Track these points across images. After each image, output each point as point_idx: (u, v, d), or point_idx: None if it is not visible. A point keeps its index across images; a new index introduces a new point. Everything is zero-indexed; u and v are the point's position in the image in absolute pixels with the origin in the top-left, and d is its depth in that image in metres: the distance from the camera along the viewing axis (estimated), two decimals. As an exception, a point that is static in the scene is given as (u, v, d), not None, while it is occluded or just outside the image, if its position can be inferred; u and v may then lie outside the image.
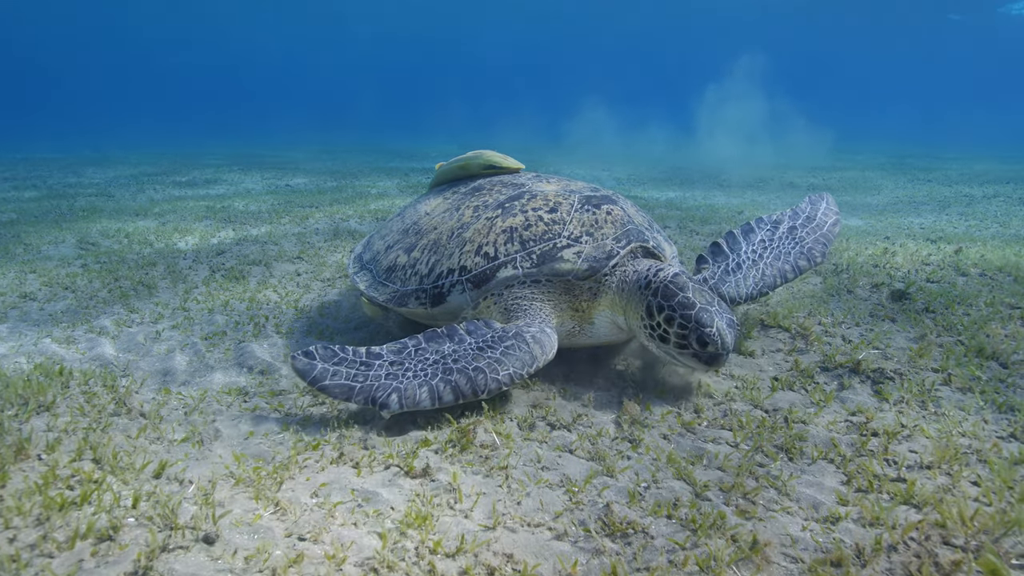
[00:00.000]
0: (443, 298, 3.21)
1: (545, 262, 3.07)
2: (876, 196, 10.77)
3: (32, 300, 4.61)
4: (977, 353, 3.27)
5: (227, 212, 8.59)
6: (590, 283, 3.09)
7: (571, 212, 3.23)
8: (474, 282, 3.14)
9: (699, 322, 2.70)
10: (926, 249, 5.84)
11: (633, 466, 2.34)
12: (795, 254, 3.50)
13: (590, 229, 3.17)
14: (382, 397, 2.56)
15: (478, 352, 2.74)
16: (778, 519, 2.03)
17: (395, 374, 2.66)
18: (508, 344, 2.77)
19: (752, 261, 3.48)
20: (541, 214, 3.24)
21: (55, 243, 6.64)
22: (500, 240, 3.18)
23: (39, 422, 2.62)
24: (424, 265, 3.37)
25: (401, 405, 2.54)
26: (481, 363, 2.67)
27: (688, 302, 2.76)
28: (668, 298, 2.79)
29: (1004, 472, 2.22)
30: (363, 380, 2.63)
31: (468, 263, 3.19)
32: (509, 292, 3.11)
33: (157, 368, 3.39)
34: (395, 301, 3.36)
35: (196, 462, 2.40)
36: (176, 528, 1.91)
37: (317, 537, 1.91)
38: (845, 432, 2.63)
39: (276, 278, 5.21)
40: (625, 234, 3.18)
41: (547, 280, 3.10)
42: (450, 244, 3.33)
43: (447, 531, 1.94)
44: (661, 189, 12.00)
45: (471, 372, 2.63)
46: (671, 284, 2.85)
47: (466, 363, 2.67)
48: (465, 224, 3.38)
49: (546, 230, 3.16)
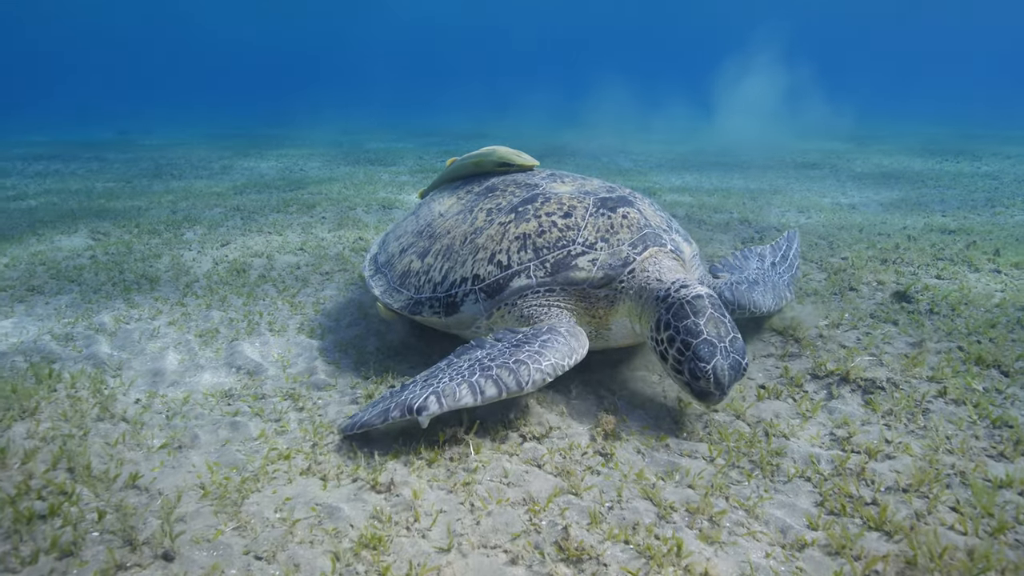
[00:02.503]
0: (456, 307, 3.16)
1: (559, 271, 3.00)
2: (899, 179, 10.43)
3: (39, 294, 4.70)
4: (976, 361, 3.15)
5: (237, 201, 8.65)
6: (606, 291, 3.00)
7: (585, 217, 3.14)
8: (487, 292, 3.08)
9: (696, 354, 2.55)
10: (940, 242, 5.65)
11: (600, 483, 2.30)
12: (782, 285, 3.77)
13: (605, 235, 3.08)
14: (419, 402, 2.43)
15: (515, 348, 2.68)
16: (741, 544, 1.99)
17: (430, 384, 2.58)
18: (544, 339, 2.72)
19: (764, 281, 3.66)
20: (555, 219, 3.16)
21: (68, 233, 6.75)
22: (513, 248, 3.12)
23: (21, 428, 2.67)
24: (438, 272, 3.33)
25: (441, 405, 2.41)
26: (521, 355, 2.60)
27: (694, 329, 2.61)
28: (678, 318, 2.67)
29: (985, 496, 2.14)
30: (398, 397, 2.58)
31: (481, 272, 3.13)
32: (523, 301, 3.04)
33: (148, 368, 3.44)
34: (409, 309, 3.34)
35: (171, 470, 2.43)
36: (136, 545, 1.93)
37: (273, 556, 1.92)
38: (827, 447, 2.56)
39: (276, 271, 5.24)
40: (642, 239, 3.08)
41: (562, 289, 3.02)
42: (463, 250, 3.28)
43: (401, 552, 1.94)
44: (678, 172, 11.78)
45: (512, 365, 2.55)
46: (687, 305, 2.69)
47: (505, 359, 2.59)
48: (478, 229, 3.32)
49: (560, 236, 3.08)
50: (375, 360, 3.46)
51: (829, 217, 7.29)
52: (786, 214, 7.56)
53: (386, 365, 3.38)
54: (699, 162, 13.25)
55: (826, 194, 9.20)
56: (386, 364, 3.40)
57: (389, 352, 3.57)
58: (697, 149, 16.01)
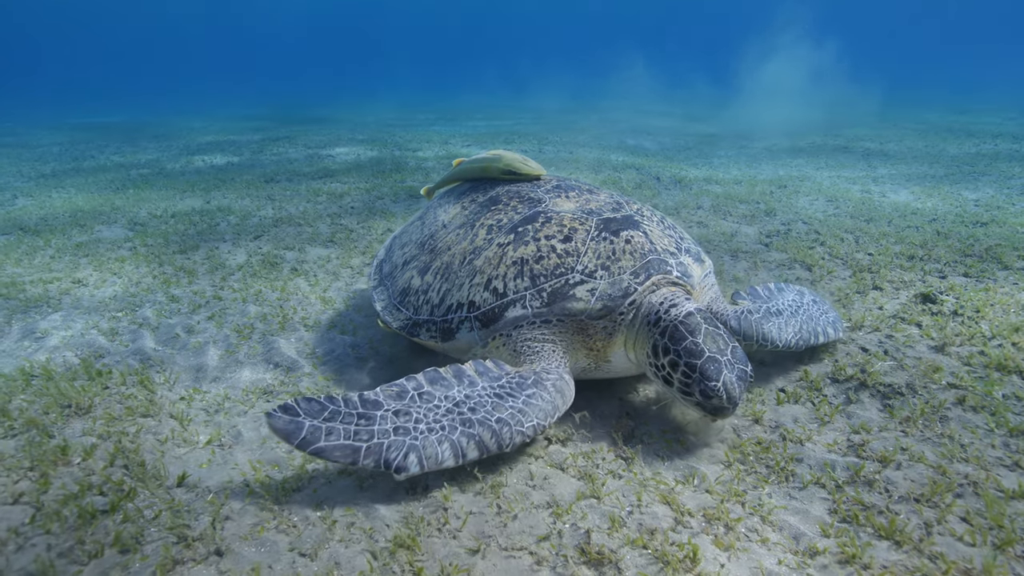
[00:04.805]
0: (452, 334, 3.09)
1: (556, 301, 2.89)
2: (933, 164, 10.21)
3: (84, 286, 4.92)
4: (997, 367, 3.18)
5: (268, 189, 8.84)
6: (605, 322, 2.89)
7: (586, 241, 3.02)
8: (482, 321, 3.00)
9: (704, 374, 2.54)
10: (970, 236, 5.58)
11: (620, 488, 2.42)
12: (824, 321, 3.43)
13: (606, 261, 2.95)
14: (398, 459, 2.29)
15: (497, 400, 2.56)
16: (755, 551, 2.09)
17: (405, 427, 2.40)
18: (529, 392, 2.61)
19: (792, 312, 3.40)
20: (554, 243, 3.04)
21: (108, 223, 7.00)
22: (510, 274, 3.02)
23: (78, 425, 2.87)
24: (436, 293, 3.27)
25: (421, 466, 2.30)
26: (504, 414, 2.49)
27: (695, 349, 2.59)
28: (676, 341, 2.64)
29: (997, 507, 2.21)
30: (368, 438, 2.34)
31: (477, 298, 3.06)
32: (518, 333, 2.94)
33: (191, 364, 3.62)
34: (407, 330, 3.29)
35: (217, 467, 2.60)
36: (190, 542, 2.10)
37: (315, 554, 2.08)
38: (843, 453, 2.64)
39: (308, 263, 5.41)
40: (645, 267, 2.95)
41: (558, 320, 2.91)
42: (461, 272, 3.21)
43: (433, 552, 2.08)
44: (705, 156, 11.67)
45: (494, 425, 2.44)
46: (681, 326, 2.67)
47: (486, 413, 2.49)
48: (477, 249, 3.25)
49: (558, 264, 2.97)
50: (407, 357, 3.60)
51: (858, 207, 7.22)
52: (814, 204, 7.50)
53: (415, 367, 3.51)
54: (726, 145, 13.11)
55: (856, 181, 9.07)
56: (415, 365, 3.53)
57: (421, 350, 3.70)
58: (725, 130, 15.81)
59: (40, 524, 2.20)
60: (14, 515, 2.26)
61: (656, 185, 8.74)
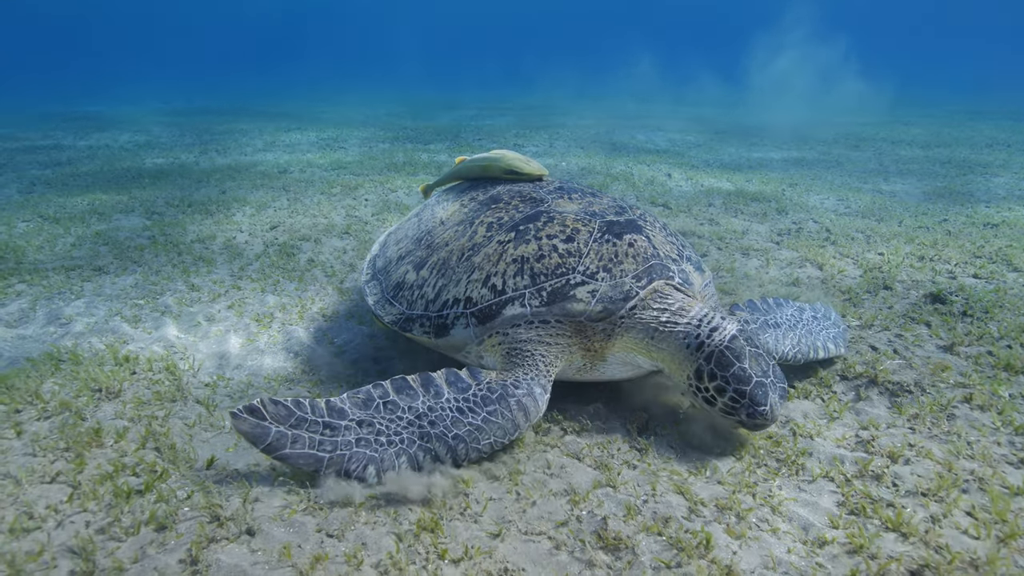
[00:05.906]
0: (447, 330, 3.03)
1: (555, 301, 2.85)
2: (945, 165, 10.22)
3: (105, 274, 5.02)
4: (1005, 367, 3.23)
5: (283, 180, 8.94)
6: (604, 324, 2.87)
7: (589, 243, 2.98)
8: (479, 317, 2.94)
9: (753, 400, 2.56)
10: (981, 237, 5.62)
11: (635, 477, 2.49)
12: (824, 336, 3.38)
13: (608, 264, 2.92)
14: (357, 470, 2.39)
15: (458, 416, 2.57)
16: (765, 540, 2.17)
17: (367, 439, 2.46)
18: (491, 409, 2.60)
19: (790, 325, 3.36)
20: (556, 243, 2.99)
21: (125, 211, 7.11)
22: (510, 271, 2.96)
23: (109, 408, 2.97)
24: (431, 288, 3.20)
25: (379, 478, 2.39)
26: (461, 430, 2.53)
27: (743, 375, 2.58)
28: (723, 367, 2.62)
29: (1002, 503, 2.27)
30: (331, 449, 2.42)
31: (474, 294, 3.00)
32: (515, 332, 2.90)
33: (214, 351, 3.71)
34: (400, 325, 3.23)
35: (244, 451, 2.69)
36: (223, 521, 2.19)
37: (342, 535, 2.16)
38: (852, 448, 2.70)
39: (325, 254, 5.49)
40: (647, 271, 2.92)
41: (557, 320, 2.88)
42: (459, 268, 3.14)
43: (456, 536, 2.16)
44: (715, 154, 11.69)
45: (451, 441, 2.50)
46: (727, 351, 2.64)
47: (444, 428, 2.53)
48: (476, 246, 3.18)
49: (560, 263, 2.92)
50: (421, 348, 3.69)
51: (868, 206, 7.26)
52: (825, 202, 7.53)
53: (431, 357, 3.59)
54: (738, 143, 13.12)
55: (867, 180, 9.10)
56: (430, 356, 3.62)
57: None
58: (736, 126, 15.80)
59: (78, 502, 2.29)
60: (52, 493, 2.36)
61: (667, 182, 8.78)
